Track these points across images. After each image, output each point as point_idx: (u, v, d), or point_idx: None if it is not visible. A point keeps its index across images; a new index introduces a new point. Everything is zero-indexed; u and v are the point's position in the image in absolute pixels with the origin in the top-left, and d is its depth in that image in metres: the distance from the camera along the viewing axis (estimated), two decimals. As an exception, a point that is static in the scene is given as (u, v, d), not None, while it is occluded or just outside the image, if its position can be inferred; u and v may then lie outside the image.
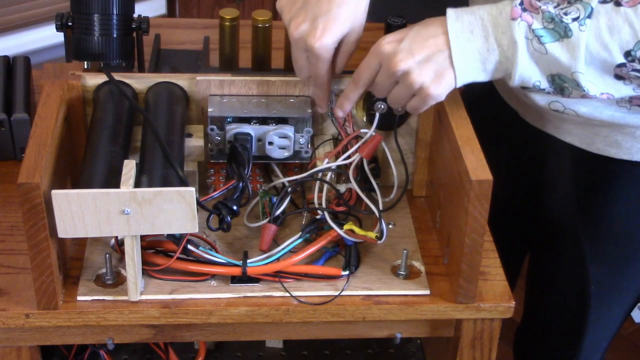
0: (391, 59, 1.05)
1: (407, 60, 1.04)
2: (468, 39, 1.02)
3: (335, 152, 1.17)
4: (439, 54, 1.03)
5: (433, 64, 1.04)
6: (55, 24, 1.18)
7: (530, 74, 1.03)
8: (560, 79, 1.03)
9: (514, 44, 1.01)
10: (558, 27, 1.00)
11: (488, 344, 1.12)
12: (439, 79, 1.04)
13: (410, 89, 1.05)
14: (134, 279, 1.02)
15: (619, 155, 1.19)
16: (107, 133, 1.07)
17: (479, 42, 1.02)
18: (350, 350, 1.36)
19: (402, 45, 1.05)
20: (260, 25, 1.25)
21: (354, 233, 1.09)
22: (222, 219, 1.07)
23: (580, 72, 1.00)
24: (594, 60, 1.00)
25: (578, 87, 1.02)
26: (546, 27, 1.00)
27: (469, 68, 1.03)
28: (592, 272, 1.30)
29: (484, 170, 1.00)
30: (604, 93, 1.03)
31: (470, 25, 1.03)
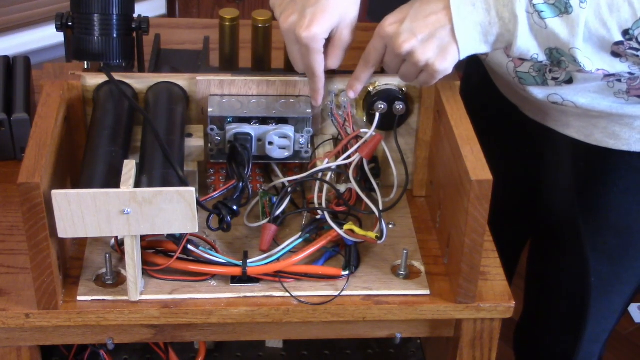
0: (395, 41, 1.07)
1: (410, 41, 1.06)
2: (470, 12, 1.04)
3: (335, 152, 1.17)
4: (441, 29, 1.05)
5: (436, 41, 1.05)
6: (55, 24, 1.18)
7: (529, 47, 1.05)
8: (557, 53, 1.04)
9: (514, 17, 1.02)
10: (559, 2, 1.01)
11: (488, 344, 1.12)
12: (443, 54, 1.06)
13: (417, 66, 1.08)
14: (134, 279, 1.02)
15: (617, 146, 1.20)
16: (107, 133, 1.07)
17: (481, 15, 1.04)
18: (350, 350, 1.36)
19: (404, 26, 1.06)
20: (260, 25, 1.25)
21: (354, 233, 1.09)
22: (222, 219, 1.07)
23: (577, 49, 1.02)
24: (592, 37, 1.02)
25: (574, 62, 1.04)
26: (547, 2, 1.01)
27: (471, 40, 1.05)
28: (592, 264, 1.30)
29: (484, 170, 1.00)
30: (599, 69, 1.05)
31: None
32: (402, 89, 1.17)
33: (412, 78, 1.11)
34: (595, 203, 1.26)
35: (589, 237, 1.28)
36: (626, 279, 1.33)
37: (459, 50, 1.06)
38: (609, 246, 1.29)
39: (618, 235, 1.28)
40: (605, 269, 1.31)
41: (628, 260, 1.31)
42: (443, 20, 1.05)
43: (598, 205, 1.26)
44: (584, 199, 1.27)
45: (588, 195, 1.26)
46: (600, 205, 1.26)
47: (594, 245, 1.29)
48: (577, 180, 1.27)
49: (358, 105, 1.19)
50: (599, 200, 1.26)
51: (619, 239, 1.28)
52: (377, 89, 1.16)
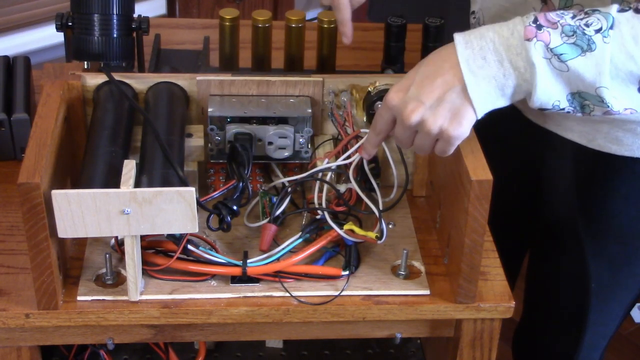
0: (402, 112, 1.01)
1: (418, 110, 1.00)
2: (481, 66, 0.97)
3: (335, 152, 1.17)
4: (451, 92, 0.99)
5: (447, 104, 0.99)
6: (55, 24, 1.18)
7: (550, 95, 0.98)
8: (580, 97, 0.98)
9: (531, 66, 0.96)
10: (580, 40, 0.95)
11: (488, 344, 1.12)
12: (457, 119, 0.99)
13: (430, 136, 1.01)
14: (134, 279, 1.02)
15: (620, 151, 1.19)
16: (107, 133, 1.07)
17: (494, 68, 0.97)
18: (350, 350, 1.36)
19: (410, 94, 1.00)
20: (260, 25, 1.26)
21: (354, 233, 1.09)
22: (222, 219, 1.07)
23: (605, 87, 0.96)
24: (619, 73, 0.96)
25: (601, 104, 0.97)
26: (567, 42, 0.95)
27: (486, 96, 0.99)
28: (593, 269, 1.29)
29: (484, 170, 1.00)
30: (627, 108, 0.99)
31: (481, 51, 0.98)
32: (402, 89, 1.17)
33: (428, 149, 1.03)
34: (596, 208, 1.26)
35: (589, 242, 1.28)
36: (627, 285, 1.33)
37: (475, 109, 0.99)
38: (609, 252, 1.28)
39: (619, 241, 1.27)
40: (606, 275, 1.30)
41: (629, 266, 1.30)
42: (452, 80, 0.98)
43: (599, 210, 1.25)
44: (585, 204, 1.26)
45: (589, 200, 1.26)
46: (602, 211, 1.25)
47: (595, 251, 1.28)
48: (578, 185, 1.26)
49: (358, 105, 1.19)
50: (600, 205, 1.25)
51: (620, 245, 1.27)
52: (377, 89, 1.16)
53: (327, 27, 1.28)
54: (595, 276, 1.30)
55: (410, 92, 1.01)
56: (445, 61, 0.99)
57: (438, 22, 1.24)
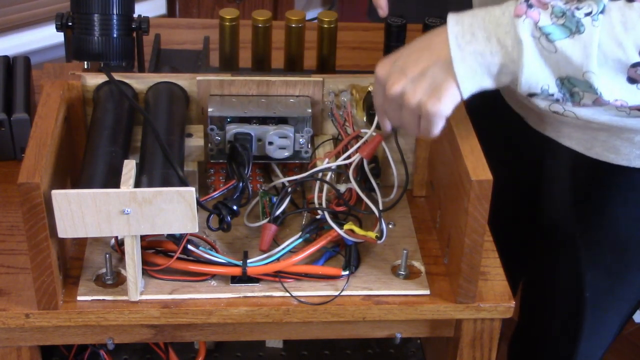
0: (385, 83, 1.00)
1: (400, 82, 0.99)
2: (469, 42, 0.96)
3: (335, 152, 1.17)
4: (435, 65, 0.98)
5: (428, 78, 0.98)
6: (55, 24, 1.18)
7: (537, 77, 0.97)
8: (570, 82, 0.97)
9: (519, 43, 0.95)
10: (569, 21, 0.94)
11: (488, 344, 1.12)
12: (436, 93, 0.98)
13: (411, 110, 1.00)
14: (134, 279, 1.02)
15: (617, 161, 1.18)
16: (107, 133, 1.07)
17: (481, 44, 0.96)
18: (350, 350, 1.36)
19: (395, 66, 1.00)
20: (260, 25, 1.26)
21: (354, 233, 1.09)
22: (222, 219, 1.07)
23: (592, 72, 0.94)
24: (607, 60, 0.94)
25: (590, 90, 0.96)
26: (555, 22, 0.94)
27: (472, 73, 0.97)
28: (588, 279, 1.29)
29: (484, 170, 1.00)
30: (617, 99, 0.97)
31: (471, 27, 0.97)
32: (402, 89, 1.17)
33: (413, 127, 1.02)
34: (593, 217, 1.25)
35: (585, 250, 1.27)
36: (623, 295, 1.32)
37: (459, 86, 0.97)
38: (605, 261, 1.27)
39: (615, 251, 1.26)
40: (601, 284, 1.29)
41: (625, 276, 1.29)
42: (438, 54, 0.97)
43: (596, 219, 1.25)
44: (582, 212, 1.26)
45: (586, 208, 1.25)
46: (598, 220, 1.24)
47: (590, 260, 1.27)
48: (575, 193, 1.26)
49: (358, 105, 1.19)
50: (597, 214, 1.24)
51: (616, 255, 1.26)
52: (377, 89, 1.16)
53: (327, 27, 1.28)
54: (591, 285, 1.29)
55: (396, 64, 1.00)
56: (436, 36, 0.99)
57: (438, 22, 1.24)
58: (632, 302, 1.33)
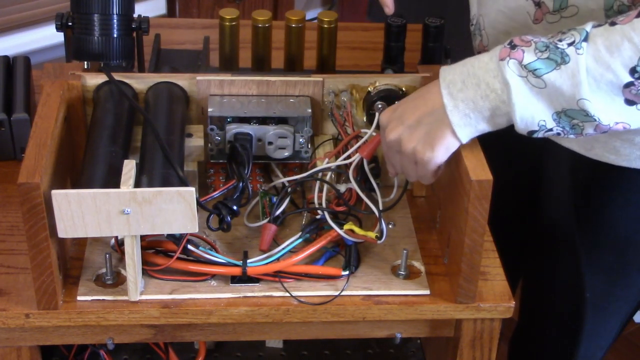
0: (384, 130, 1.05)
1: (397, 129, 1.04)
2: (460, 89, 0.99)
3: (335, 152, 1.17)
4: (430, 114, 1.01)
5: (424, 126, 1.02)
6: (55, 24, 1.18)
7: (532, 115, 0.98)
8: (567, 115, 0.98)
9: (506, 85, 0.97)
10: (553, 54, 0.96)
11: (488, 344, 1.12)
12: (430, 142, 1.01)
13: (407, 157, 1.04)
14: (134, 279, 1.02)
15: (617, 162, 1.18)
16: (107, 133, 1.07)
17: (471, 91, 0.99)
18: (350, 350, 1.36)
19: (395, 114, 1.05)
20: (260, 25, 1.26)
21: (354, 233, 1.09)
22: (222, 219, 1.07)
23: (586, 99, 0.95)
24: (600, 84, 0.95)
25: (588, 118, 0.97)
26: (540, 57, 0.96)
27: (465, 119, 1.00)
28: (588, 280, 1.29)
29: (484, 170, 1.00)
30: (618, 122, 0.97)
31: (461, 75, 1.00)
32: (402, 89, 1.17)
33: (411, 173, 1.06)
34: (593, 218, 1.25)
35: (585, 251, 1.27)
36: (623, 296, 1.32)
37: (456, 133, 1.00)
38: (605, 262, 1.27)
39: (615, 252, 1.26)
40: (601, 285, 1.29)
41: (624, 277, 1.29)
42: (432, 103, 1.01)
43: (596, 220, 1.25)
44: (582, 213, 1.26)
45: (586, 209, 1.25)
46: (598, 221, 1.24)
47: (590, 261, 1.27)
48: (575, 194, 1.26)
49: (358, 105, 1.19)
50: (596, 215, 1.24)
51: (616, 256, 1.26)
52: (377, 89, 1.16)
53: (327, 27, 1.28)
54: (591, 286, 1.29)
55: (395, 112, 1.05)
56: (432, 86, 1.03)
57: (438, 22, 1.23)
58: (632, 303, 1.33)
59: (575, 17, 1.07)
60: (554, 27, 1.08)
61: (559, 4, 1.08)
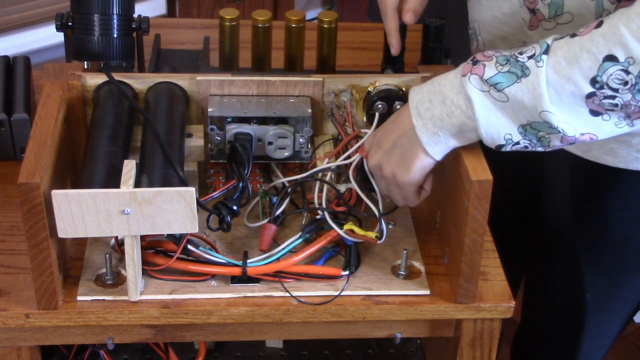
0: (367, 156, 1.08)
1: (376, 154, 1.06)
2: (427, 108, 1.00)
3: (335, 152, 1.17)
4: (402, 136, 1.03)
5: (399, 149, 1.03)
6: (55, 24, 1.18)
7: (497, 129, 0.99)
8: (532, 128, 0.98)
9: (469, 100, 0.98)
10: (514, 67, 0.96)
11: (488, 344, 1.12)
12: (405, 163, 1.03)
13: (390, 181, 1.06)
14: (134, 279, 1.02)
15: (615, 163, 1.18)
16: (107, 133, 1.07)
17: (437, 109, 1.00)
18: (350, 350, 1.36)
19: (375, 139, 1.07)
20: (260, 25, 1.26)
21: (354, 233, 1.09)
22: (222, 219, 1.07)
23: (548, 111, 0.95)
24: (561, 96, 0.95)
25: (552, 130, 0.97)
26: (500, 71, 0.96)
27: (435, 137, 1.01)
28: (588, 281, 1.29)
29: (484, 170, 1.00)
30: (584, 133, 0.98)
31: (428, 93, 1.01)
32: (401, 89, 1.17)
33: (396, 197, 1.09)
34: (591, 219, 1.25)
35: (584, 252, 1.27)
36: (623, 296, 1.32)
37: (428, 152, 1.01)
38: (604, 263, 1.27)
39: (614, 252, 1.26)
40: (601, 286, 1.30)
41: (624, 278, 1.29)
42: (403, 125, 1.02)
43: (594, 221, 1.25)
44: (581, 214, 1.26)
45: (585, 211, 1.25)
46: (597, 222, 1.25)
47: (590, 261, 1.28)
48: (574, 196, 1.26)
49: (358, 105, 1.19)
50: (595, 216, 1.24)
51: (615, 256, 1.26)
52: (377, 89, 1.16)
53: (327, 27, 1.28)
54: (591, 287, 1.29)
55: (375, 137, 1.07)
56: (403, 109, 1.04)
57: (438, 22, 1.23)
58: (632, 303, 1.33)
59: (571, 24, 1.07)
60: (550, 33, 1.08)
61: (554, 12, 1.08)
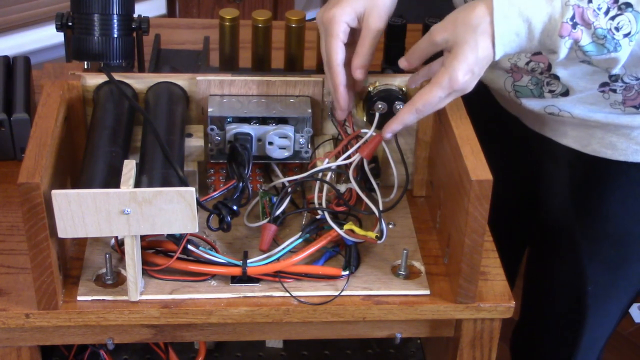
0: (433, 28, 1.04)
1: (446, 28, 1.03)
2: (511, 40, 1.00)
3: (335, 152, 1.17)
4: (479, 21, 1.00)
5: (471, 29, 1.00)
6: (55, 24, 1.18)
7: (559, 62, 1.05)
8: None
9: (554, 54, 1.00)
10: (609, 43, 0.99)
11: (488, 344, 1.12)
12: (475, 45, 1.01)
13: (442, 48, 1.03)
14: (134, 279, 1.02)
15: (614, 156, 1.19)
16: (107, 133, 1.07)
17: (524, 43, 1.01)
18: (350, 350, 1.36)
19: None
20: (260, 25, 1.25)
21: (354, 233, 1.09)
22: (222, 219, 1.07)
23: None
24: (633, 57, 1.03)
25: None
26: (595, 41, 0.99)
27: (508, 41, 1.00)
28: (589, 272, 1.30)
29: (484, 170, 1.00)
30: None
31: (517, 27, 0.99)
32: (402, 89, 1.17)
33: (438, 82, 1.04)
34: (592, 212, 1.26)
35: (586, 245, 1.28)
36: (623, 286, 1.33)
37: (495, 47, 1.01)
38: (605, 255, 1.28)
39: (615, 244, 1.27)
40: (603, 278, 1.30)
41: (625, 268, 1.30)
42: (482, 15, 1.00)
43: (595, 214, 1.26)
44: (581, 208, 1.26)
45: (585, 204, 1.26)
46: (598, 215, 1.25)
47: (591, 254, 1.28)
48: (574, 190, 1.26)
49: (358, 105, 1.19)
50: (596, 209, 1.25)
51: (616, 248, 1.27)
52: (377, 89, 1.16)
53: (327, 27, 1.28)
54: (592, 279, 1.30)
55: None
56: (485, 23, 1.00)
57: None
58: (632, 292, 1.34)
59: None
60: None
61: None
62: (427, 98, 1.03)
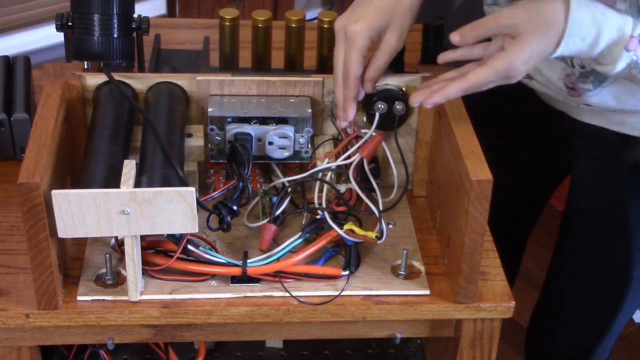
0: (501, 11, 1.03)
1: (515, 14, 1.01)
2: (575, 43, 1.01)
3: (335, 152, 1.17)
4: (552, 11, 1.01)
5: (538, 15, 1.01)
6: (55, 24, 1.18)
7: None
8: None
9: (608, 65, 1.02)
10: None
11: (488, 344, 1.12)
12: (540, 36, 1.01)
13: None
14: (134, 279, 1.02)
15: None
16: (107, 133, 1.07)
17: (585, 48, 1.02)
18: (350, 350, 1.36)
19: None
20: (260, 25, 1.26)
21: (354, 233, 1.09)
22: (222, 219, 1.07)
23: None
24: None
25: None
26: None
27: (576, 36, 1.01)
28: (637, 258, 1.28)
29: (484, 170, 1.00)
30: None
31: (586, 32, 1.00)
32: (402, 89, 1.17)
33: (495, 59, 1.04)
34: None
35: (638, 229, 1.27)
36: None
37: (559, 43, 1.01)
38: None
39: None
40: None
41: None
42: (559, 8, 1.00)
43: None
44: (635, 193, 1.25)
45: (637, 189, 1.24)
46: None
47: None
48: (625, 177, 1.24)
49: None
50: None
51: None
52: (377, 89, 1.16)
53: (327, 27, 1.28)
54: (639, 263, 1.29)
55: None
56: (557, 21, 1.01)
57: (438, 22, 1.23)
58: None
59: None
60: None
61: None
62: (480, 79, 1.04)
